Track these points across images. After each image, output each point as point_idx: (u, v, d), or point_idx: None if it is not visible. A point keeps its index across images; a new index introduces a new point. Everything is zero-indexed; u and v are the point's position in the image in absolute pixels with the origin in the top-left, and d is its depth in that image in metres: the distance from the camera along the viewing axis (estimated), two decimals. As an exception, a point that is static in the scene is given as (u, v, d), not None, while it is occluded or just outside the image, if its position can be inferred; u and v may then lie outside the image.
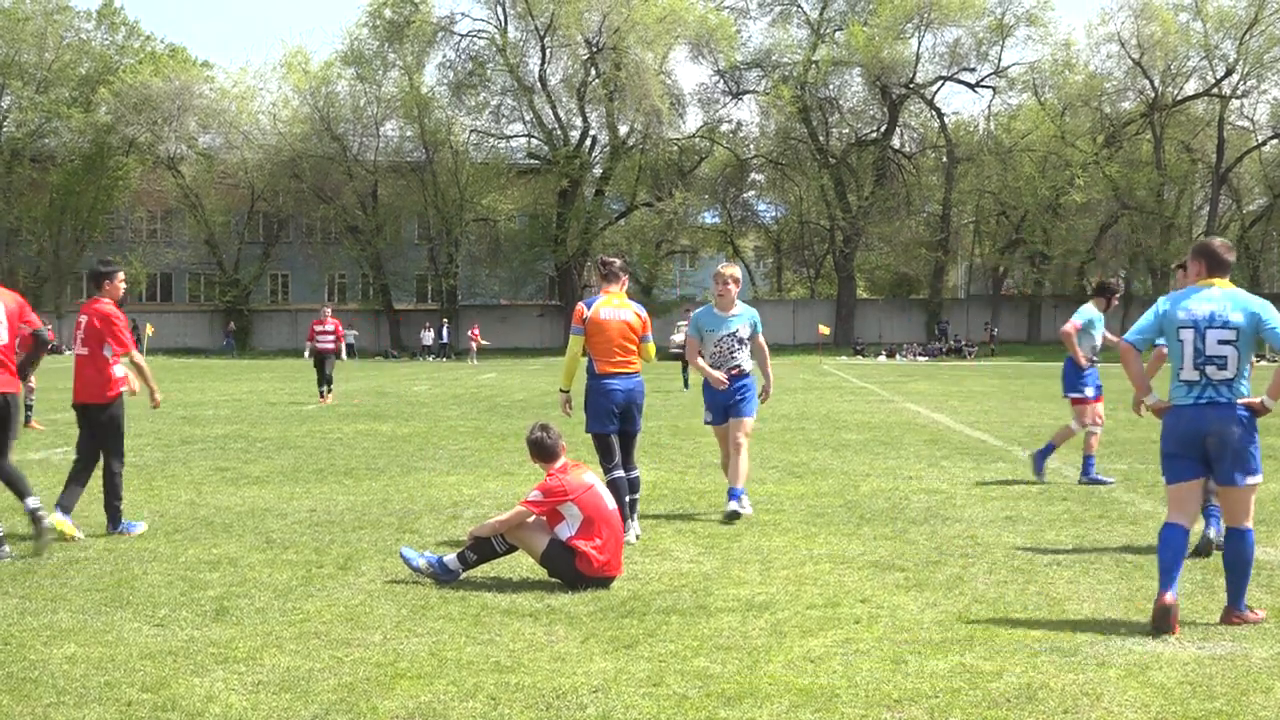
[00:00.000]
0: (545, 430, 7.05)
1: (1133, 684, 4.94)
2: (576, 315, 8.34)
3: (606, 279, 8.48)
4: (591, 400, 8.31)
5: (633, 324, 8.30)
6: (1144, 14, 64.31)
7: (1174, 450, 6.04)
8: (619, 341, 8.25)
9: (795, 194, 71.91)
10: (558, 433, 7.09)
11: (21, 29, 66.72)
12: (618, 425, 8.32)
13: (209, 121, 67.94)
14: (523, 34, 65.38)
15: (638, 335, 8.33)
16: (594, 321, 8.26)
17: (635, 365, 8.34)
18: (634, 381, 8.33)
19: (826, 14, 68.84)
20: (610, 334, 8.25)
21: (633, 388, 8.31)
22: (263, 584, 6.78)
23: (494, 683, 4.95)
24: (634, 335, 8.31)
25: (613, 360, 8.26)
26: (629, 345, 8.29)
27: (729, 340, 9.31)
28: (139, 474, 11.80)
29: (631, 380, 8.30)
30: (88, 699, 4.73)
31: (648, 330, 8.41)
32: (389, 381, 33.30)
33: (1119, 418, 19.86)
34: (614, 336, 8.25)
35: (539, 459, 7.04)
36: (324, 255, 71.11)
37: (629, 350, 8.29)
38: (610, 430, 8.28)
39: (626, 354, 8.28)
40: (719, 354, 9.35)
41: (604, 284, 8.49)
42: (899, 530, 8.65)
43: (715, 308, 9.49)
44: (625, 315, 8.30)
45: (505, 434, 16.49)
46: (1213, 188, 67.36)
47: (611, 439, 8.28)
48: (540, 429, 7.07)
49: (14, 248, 69.55)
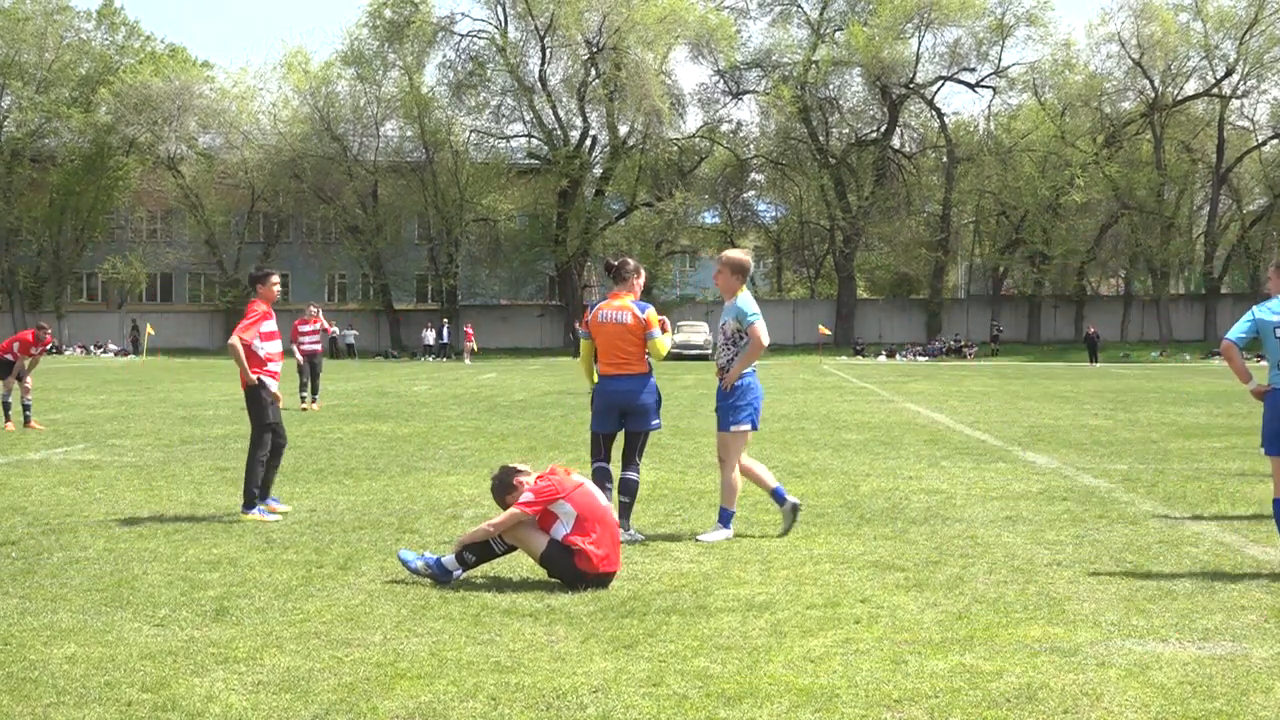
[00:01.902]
0: (500, 472, 7.14)
1: (1133, 684, 4.94)
2: (583, 318, 8.54)
3: (616, 280, 8.52)
4: (594, 400, 8.51)
5: (629, 325, 8.30)
6: (1144, 14, 64.34)
7: (1277, 427, 7.14)
8: (615, 343, 8.31)
9: (795, 194, 71.94)
10: (506, 470, 7.13)
11: (21, 29, 66.74)
12: (618, 425, 8.40)
13: (209, 121, 67.97)
14: (523, 34, 65.41)
15: (637, 336, 8.32)
16: (594, 324, 8.43)
17: (636, 366, 8.32)
18: (633, 382, 8.31)
19: (826, 14, 68.87)
20: (607, 336, 8.34)
21: (631, 388, 8.30)
22: (263, 584, 6.78)
23: (494, 683, 4.95)
24: (631, 336, 8.31)
25: (611, 361, 8.34)
26: (627, 347, 8.31)
27: (719, 335, 8.92)
28: (139, 474, 11.81)
29: (631, 381, 8.30)
30: (88, 699, 4.73)
31: (651, 328, 8.31)
32: (389, 381, 33.31)
33: (1119, 418, 19.87)
34: (610, 338, 8.33)
35: (504, 496, 7.05)
36: (324, 255, 71.14)
37: (627, 351, 8.30)
38: (607, 430, 8.42)
39: (625, 355, 8.30)
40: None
41: (614, 285, 8.55)
42: (899, 530, 8.65)
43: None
44: (622, 317, 8.33)
45: (505, 434, 16.49)
46: (1213, 188, 67.38)
47: (601, 438, 8.45)
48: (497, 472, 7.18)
49: (14, 248, 69.56)
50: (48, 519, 9.00)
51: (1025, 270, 68.88)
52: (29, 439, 15.46)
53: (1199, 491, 10.61)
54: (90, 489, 10.65)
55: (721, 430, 8.56)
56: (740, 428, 8.50)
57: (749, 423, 8.55)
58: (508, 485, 7.02)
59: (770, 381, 34.23)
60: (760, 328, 8.52)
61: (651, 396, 8.38)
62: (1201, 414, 20.65)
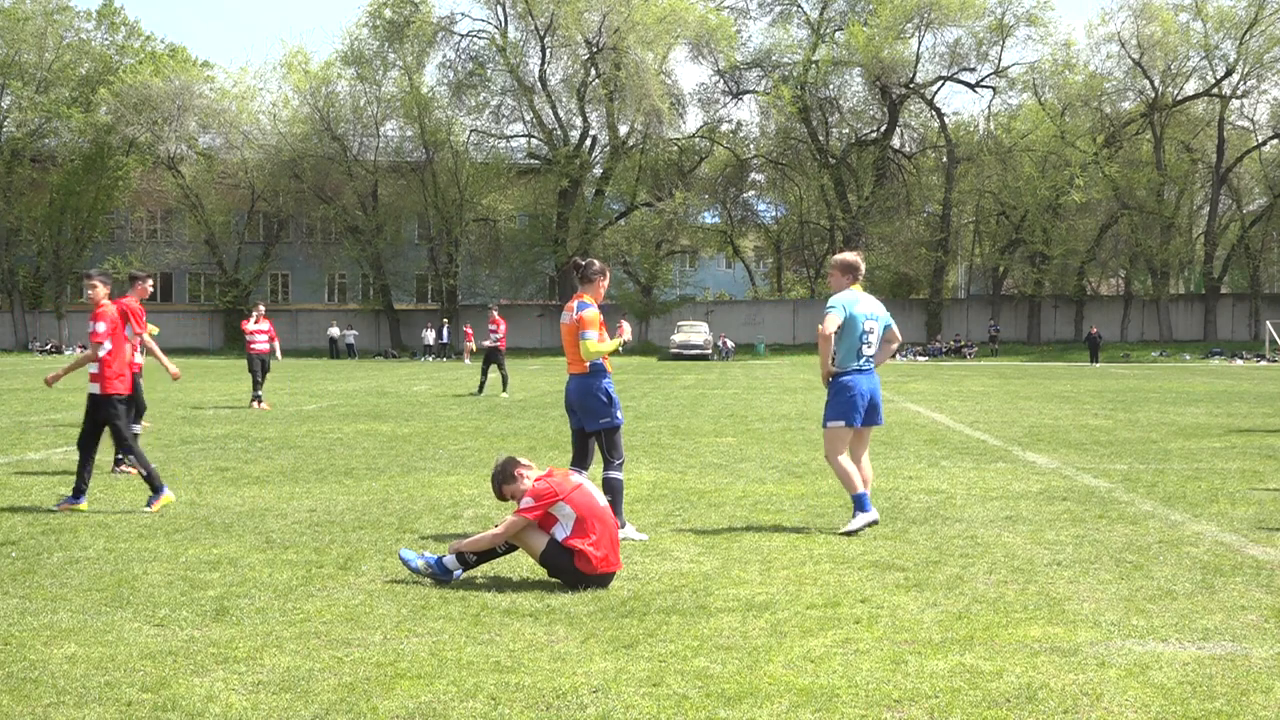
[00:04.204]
0: (502, 462, 7.14)
1: (1133, 684, 4.94)
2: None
3: (580, 281, 8.68)
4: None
5: (570, 325, 8.47)
6: (1144, 14, 64.36)
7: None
8: (566, 345, 8.58)
9: (795, 194, 71.96)
10: (509, 460, 7.13)
11: (21, 29, 66.75)
12: (576, 423, 8.58)
13: (209, 121, 67.98)
14: (523, 34, 65.44)
15: (575, 336, 8.44)
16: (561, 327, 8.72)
17: (578, 366, 8.46)
18: (575, 382, 8.47)
19: (826, 14, 68.86)
20: (563, 337, 8.62)
21: (573, 388, 8.48)
22: (263, 584, 6.78)
23: (494, 683, 4.95)
24: (571, 338, 8.48)
25: (569, 361, 8.58)
26: (570, 348, 8.50)
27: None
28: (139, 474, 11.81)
29: (574, 381, 8.48)
30: (88, 699, 4.73)
31: (585, 328, 8.34)
32: (389, 381, 33.31)
33: (1118, 418, 19.86)
34: (564, 339, 8.59)
35: (502, 486, 7.06)
36: (324, 255, 71.18)
37: (571, 352, 8.49)
38: (571, 426, 8.67)
39: (572, 355, 8.50)
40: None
41: (579, 286, 8.67)
42: (899, 530, 8.65)
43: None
44: (567, 319, 8.52)
45: (505, 434, 16.50)
46: (1213, 188, 67.40)
47: (574, 434, 8.63)
48: (499, 461, 7.20)
49: (14, 248, 69.59)
50: (48, 519, 9.00)
51: (1025, 270, 68.89)
52: (29, 439, 15.45)
53: (1199, 491, 10.60)
54: (90, 489, 10.64)
55: (823, 425, 8.80)
56: (834, 424, 8.66)
57: (843, 419, 8.65)
58: (509, 476, 7.03)
59: (770, 381, 34.22)
60: (827, 318, 8.62)
61: (591, 396, 8.38)
62: (1201, 414, 20.64)
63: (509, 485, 7.01)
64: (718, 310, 71.17)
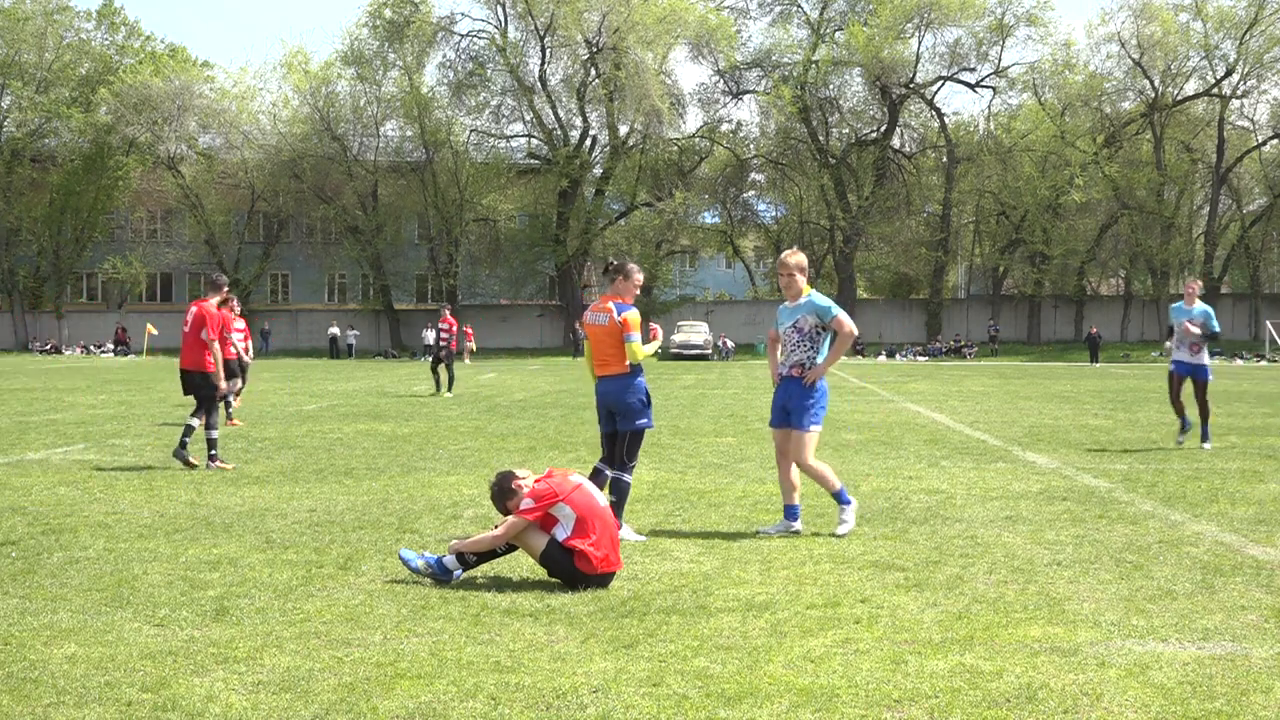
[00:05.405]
0: (497, 478, 7.09)
1: (1133, 684, 4.94)
2: (583, 319, 8.71)
3: (610, 281, 8.64)
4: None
5: (608, 327, 8.40)
6: (1144, 14, 64.38)
7: None
8: (599, 344, 8.47)
9: (795, 194, 71.94)
10: (504, 475, 7.09)
11: (21, 29, 66.78)
12: (612, 424, 8.52)
13: (209, 121, 68.00)
14: (523, 34, 65.43)
15: (615, 338, 8.38)
16: (585, 326, 8.65)
17: (617, 367, 8.40)
18: (612, 384, 8.41)
19: (826, 14, 68.87)
20: (593, 338, 8.53)
21: (609, 390, 8.42)
22: (263, 584, 6.78)
23: (494, 683, 4.95)
24: (610, 338, 8.39)
25: (598, 362, 8.50)
26: (607, 348, 8.42)
27: (789, 333, 8.73)
28: (140, 474, 11.81)
29: (610, 383, 8.42)
30: (88, 699, 4.73)
31: (628, 330, 8.33)
32: (389, 381, 33.31)
33: (1118, 418, 19.86)
34: (595, 340, 8.50)
35: (505, 503, 7.03)
36: (324, 255, 71.17)
37: (608, 353, 8.43)
38: (604, 429, 8.60)
39: (607, 356, 8.44)
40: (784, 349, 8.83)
41: (609, 286, 8.68)
42: (899, 530, 8.65)
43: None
44: (600, 319, 8.45)
45: (505, 434, 16.49)
46: (1213, 188, 67.41)
47: (603, 437, 8.62)
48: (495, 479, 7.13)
49: (14, 248, 69.59)
50: (48, 519, 9.00)
51: (1025, 270, 68.91)
52: (29, 439, 15.45)
53: (1199, 491, 10.60)
54: (90, 489, 10.65)
55: (800, 429, 8.52)
56: (819, 427, 8.61)
57: (820, 423, 8.69)
58: (507, 491, 7.00)
59: (770, 382, 34.23)
60: (845, 318, 8.58)
61: (634, 396, 8.39)
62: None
63: (510, 500, 6.99)
64: (718, 310, 71.20)
